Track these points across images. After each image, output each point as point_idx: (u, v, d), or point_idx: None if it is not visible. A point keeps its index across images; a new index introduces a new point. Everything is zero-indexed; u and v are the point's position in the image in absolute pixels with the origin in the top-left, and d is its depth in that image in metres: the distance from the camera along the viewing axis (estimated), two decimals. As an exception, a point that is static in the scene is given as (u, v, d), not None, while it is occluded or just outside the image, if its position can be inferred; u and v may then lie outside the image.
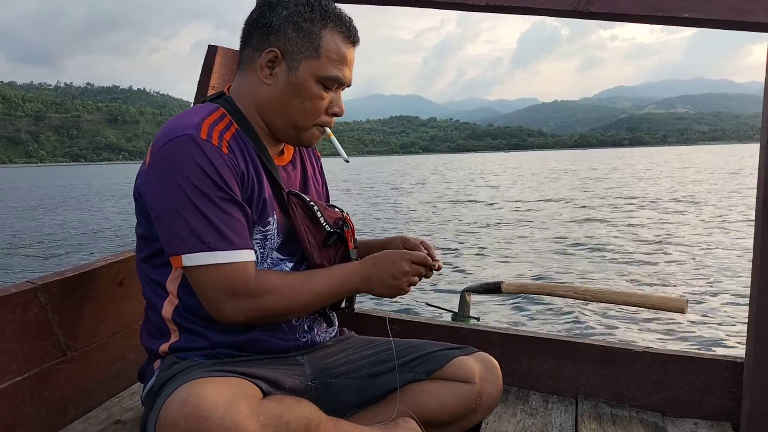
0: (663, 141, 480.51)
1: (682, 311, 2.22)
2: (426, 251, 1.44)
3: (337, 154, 1.49)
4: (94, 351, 1.64)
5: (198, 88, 1.94)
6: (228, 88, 1.41)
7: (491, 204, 19.21)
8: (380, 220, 15.79)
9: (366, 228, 13.76)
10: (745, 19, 1.71)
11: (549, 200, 19.89)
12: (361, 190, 29.89)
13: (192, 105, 1.74)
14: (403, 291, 1.37)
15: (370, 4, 1.99)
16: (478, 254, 10.37)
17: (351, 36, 1.34)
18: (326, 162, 1.55)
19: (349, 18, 1.35)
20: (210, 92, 1.90)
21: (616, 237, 12.04)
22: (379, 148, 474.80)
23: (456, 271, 8.91)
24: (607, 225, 13.50)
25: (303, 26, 1.29)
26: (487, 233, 12.81)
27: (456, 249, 10.87)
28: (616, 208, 16.86)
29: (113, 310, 1.71)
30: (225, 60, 2.00)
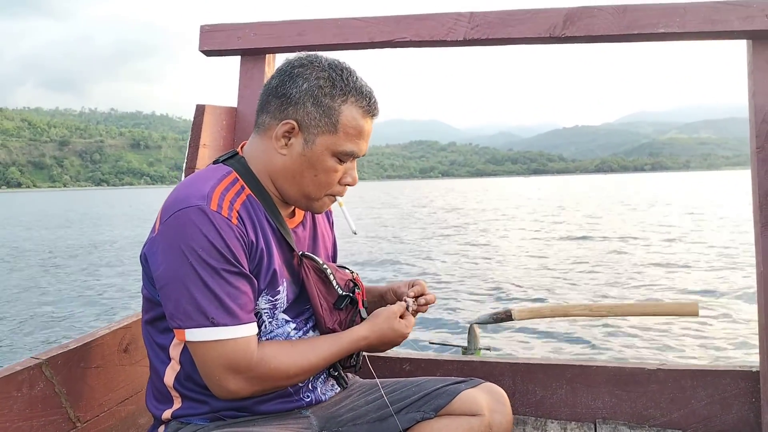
0: (686, 166, 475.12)
1: (695, 314, 2.25)
2: (412, 292, 1.48)
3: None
4: (104, 420, 1.63)
5: (189, 147, 1.97)
6: (242, 147, 1.41)
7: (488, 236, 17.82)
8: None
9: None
10: (721, 28, 1.76)
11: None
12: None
13: (185, 160, 1.92)
14: (397, 345, 1.43)
15: (349, 49, 2.05)
16: (480, 288, 10.15)
17: (371, 110, 1.34)
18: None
19: (369, 90, 1.34)
20: (201, 150, 1.94)
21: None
22: (399, 173, 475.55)
23: (460, 304, 8.77)
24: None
25: (322, 101, 1.28)
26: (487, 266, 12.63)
27: (460, 282, 10.69)
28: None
29: (121, 377, 1.70)
30: (214, 117, 2.02)
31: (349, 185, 1.39)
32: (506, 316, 2.58)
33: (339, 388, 1.51)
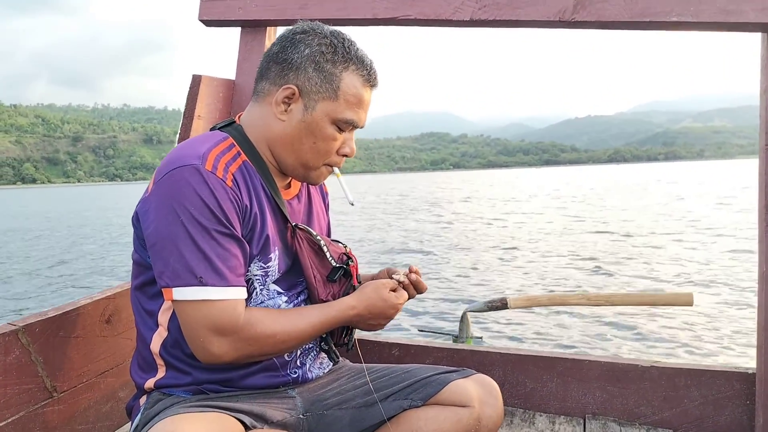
0: (700, 156, 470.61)
1: (690, 304, 2.27)
2: (403, 275, 1.42)
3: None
4: (82, 391, 1.59)
5: (183, 118, 1.93)
6: (239, 117, 1.40)
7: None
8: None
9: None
10: (735, 19, 1.71)
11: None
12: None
13: (178, 133, 1.89)
14: (391, 318, 1.40)
15: (352, 25, 1.99)
16: (473, 273, 10.16)
17: (371, 80, 1.33)
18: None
19: (371, 60, 1.34)
20: (196, 121, 1.91)
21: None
22: (410, 165, 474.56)
23: (453, 291, 8.73)
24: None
25: (324, 67, 1.28)
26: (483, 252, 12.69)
27: (452, 269, 10.71)
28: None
29: (102, 348, 1.66)
30: (210, 89, 1.98)
31: (347, 156, 1.37)
32: (501, 305, 2.55)
33: (327, 368, 1.49)
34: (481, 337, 2.70)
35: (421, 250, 13.82)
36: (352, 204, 1.46)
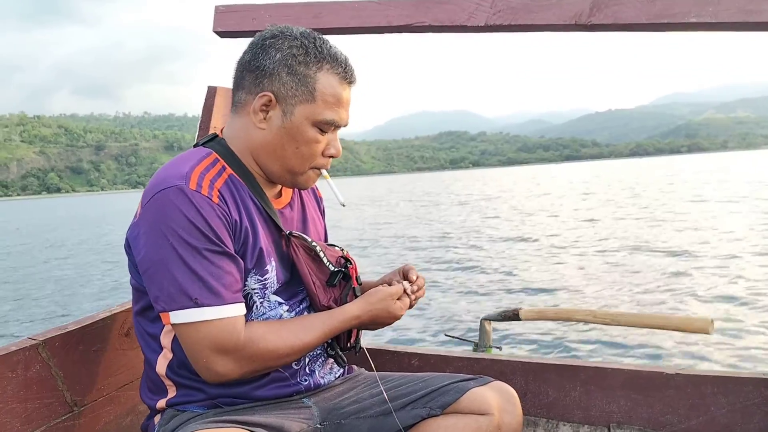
0: (723, 147, 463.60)
1: (706, 332, 2.11)
2: (407, 279, 1.44)
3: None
4: (102, 405, 1.59)
5: (199, 130, 1.92)
6: (221, 130, 1.38)
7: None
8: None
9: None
10: (756, 19, 1.66)
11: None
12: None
13: (195, 143, 1.67)
14: (389, 324, 1.40)
15: (367, 33, 2.00)
16: (499, 280, 9.93)
17: (347, 77, 1.31)
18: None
19: (345, 57, 1.31)
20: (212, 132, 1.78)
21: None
22: (429, 165, 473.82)
23: (474, 297, 8.53)
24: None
25: (297, 69, 1.25)
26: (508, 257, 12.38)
27: (474, 274, 10.60)
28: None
29: (121, 361, 1.65)
30: (226, 100, 1.95)
31: (332, 157, 1.35)
32: (514, 315, 2.59)
33: (338, 373, 1.49)
34: (500, 347, 2.88)
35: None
36: (343, 205, 1.42)
